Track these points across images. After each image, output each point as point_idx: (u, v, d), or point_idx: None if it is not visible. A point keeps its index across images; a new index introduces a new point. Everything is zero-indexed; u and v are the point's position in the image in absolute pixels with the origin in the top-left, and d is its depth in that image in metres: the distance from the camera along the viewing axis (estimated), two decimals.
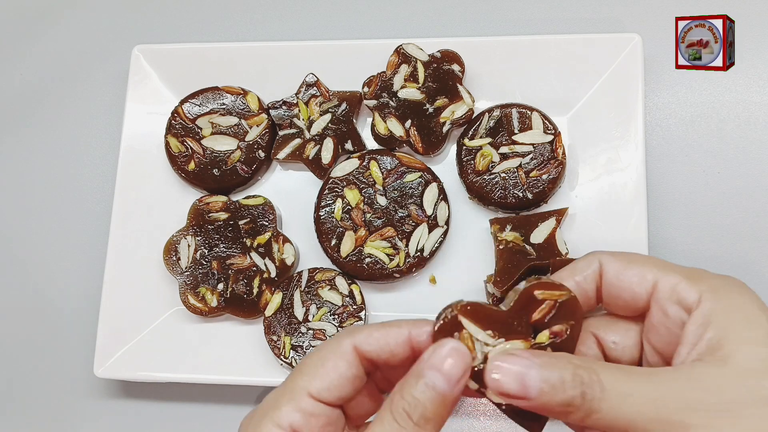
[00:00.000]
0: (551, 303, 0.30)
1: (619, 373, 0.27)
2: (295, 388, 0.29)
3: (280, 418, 0.29)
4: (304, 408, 0.29)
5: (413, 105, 0.54)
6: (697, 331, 0.28)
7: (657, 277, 0.30)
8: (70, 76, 0.64)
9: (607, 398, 0.27)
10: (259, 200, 0.54)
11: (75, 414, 0.57)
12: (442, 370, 0.27)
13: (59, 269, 0.60)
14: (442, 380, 0.27)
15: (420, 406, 0.27)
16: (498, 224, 0.51)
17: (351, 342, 0.30)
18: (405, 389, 0.28)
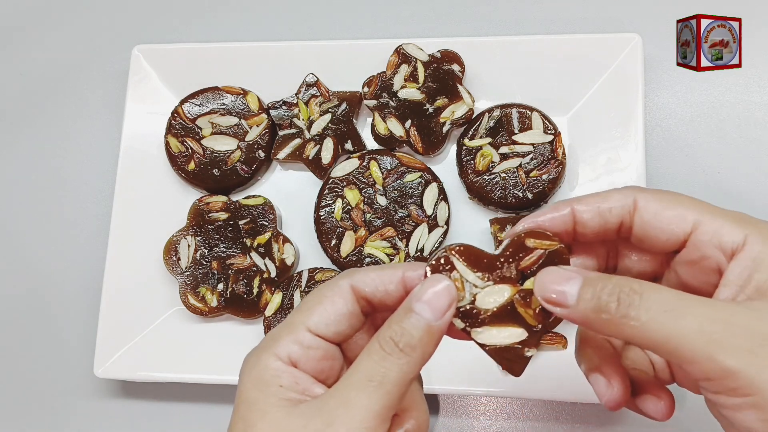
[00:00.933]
0: (540, 252, 0.31)
1: (665, 290, 0.27)
2: (294, 322, 0.30)
3: (278, 350, 0.30)
4: (302, 340, 0.30)
5: (413, 105, 0.54)
6: (743, 273, 0.27)
7: (699, 218, 0.29)
8: (70, 76, 0.64)
9: (645, 307, 0.26)
10: (259, 200, 0.54)
11: (75, 414, 0.57)
12: (428, 302, 0.29)
13: (59, 269, 0.60)
14: (428, 310, 0.29)
15: (406, 334, 0.28)
16: (498, 224, 0.51)
17: (348, 281, 0.31)
18: (393, 320, 0.29)
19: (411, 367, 0.29)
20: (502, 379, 0.49)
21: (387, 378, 0.28)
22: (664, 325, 0.26)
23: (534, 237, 0.31)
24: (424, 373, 0.46)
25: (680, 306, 0.26)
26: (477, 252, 0.31)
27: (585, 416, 0.51)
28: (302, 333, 0.30)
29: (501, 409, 0.53)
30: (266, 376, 0.30)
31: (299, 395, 0.29)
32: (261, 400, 0.29)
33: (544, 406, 0.52)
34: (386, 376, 0.28)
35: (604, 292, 0.27)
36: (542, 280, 0.29)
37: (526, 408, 0.52)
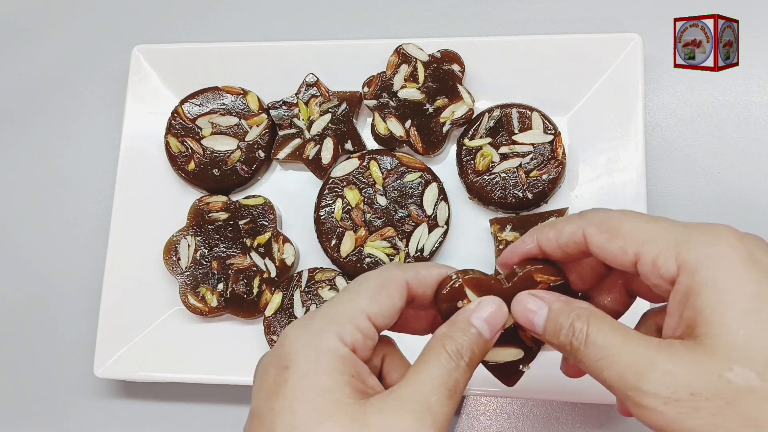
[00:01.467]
0: (545, 286, 0.33)
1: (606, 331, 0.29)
2: (356, 308, 0.30)
3: (343, 334, 0.29)
4: (363, 329, 0.30)
5: (413, 105, 0.54)
6: (677, 308, 0.28)
7: (638, 249, 0.29)
8: (70, 76, 0.64)
9: (585, 353, 0.29)
10: (259, 200, 0.54)
11: (75, 414, 0.57)
12: (488, 321, 0.31)
13: (59, 269, 0.60)
14: (488, 329, 0.31)
15: (470, 349, 0.30)
16: (498, 224, 0.52)
17: (404, 276, 0.32)
18: (456, 334, 0.31)
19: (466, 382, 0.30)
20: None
21: (457, 388, 0.30)
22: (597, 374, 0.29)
23: (542, 273, 0.33)
24: None
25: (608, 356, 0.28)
26: (488, 283, 0.33)
27: (585, 416, 0.51)
28: (364, 321, 0.30)
29: (501, 409, 0.53)
30: (338, 363, 0.29)
31: (365, 387, 0.30)
32: (335, 390, 0.28)
33: (544, 406, 0.52)
34: (457, 387, 0.30)
35: (561, 333, 0.30)
36: (515, 308, 0.32)
37: (526, 408, 0.52)
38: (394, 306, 0.31)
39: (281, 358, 0.29)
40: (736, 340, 0.26)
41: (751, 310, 0.26)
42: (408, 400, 0.28)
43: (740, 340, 0.26)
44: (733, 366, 0.26)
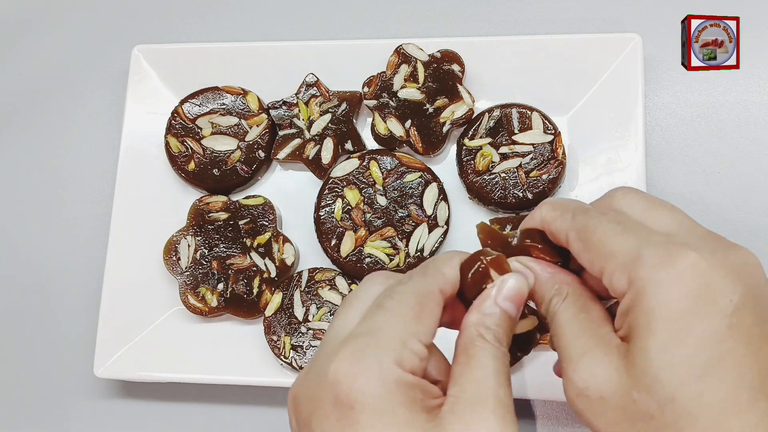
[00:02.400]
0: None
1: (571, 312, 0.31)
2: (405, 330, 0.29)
3: (403, 360, 0.28)
4: (418, 352, 0.29)
5: (413, 105, 0.54)
6: (620, 317, 0.29)
7: (602, 264, 0.30)
8: (70, 76, 0.64)
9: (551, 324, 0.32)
10: (259, 200, 0.54)
11: (75, 414, 0.57)
12: (512, 299, 0.31)
13: (59, 269, 0.60)
14: (513, 308, 0.32)
15: (504, 332, 0.31)
16: (498, 224, 0.51)
17: (437, 286, 0.31)
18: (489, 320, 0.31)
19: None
20: None
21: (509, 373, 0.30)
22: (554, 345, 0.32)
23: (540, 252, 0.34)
24: None
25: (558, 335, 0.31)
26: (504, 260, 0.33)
27: None
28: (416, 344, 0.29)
29: None
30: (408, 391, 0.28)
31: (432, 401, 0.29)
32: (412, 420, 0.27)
33: (544, 406, 0.52)
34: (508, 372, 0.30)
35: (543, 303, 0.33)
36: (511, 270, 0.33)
37: (526, 408, 0.52)
38: (436, 321, 0.31)
39: (340, 398, 0.27)
40: (650, 368, 0.27)
41: (670, 344, 0.27)
42: (482, 401, 0.28)
43: (653, 369, 0.27)
44: (641, 390, 0.27)
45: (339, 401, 0.27)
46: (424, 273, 0.32)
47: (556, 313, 0.31)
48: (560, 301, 0.31)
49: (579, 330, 0.30)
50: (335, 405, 0.27)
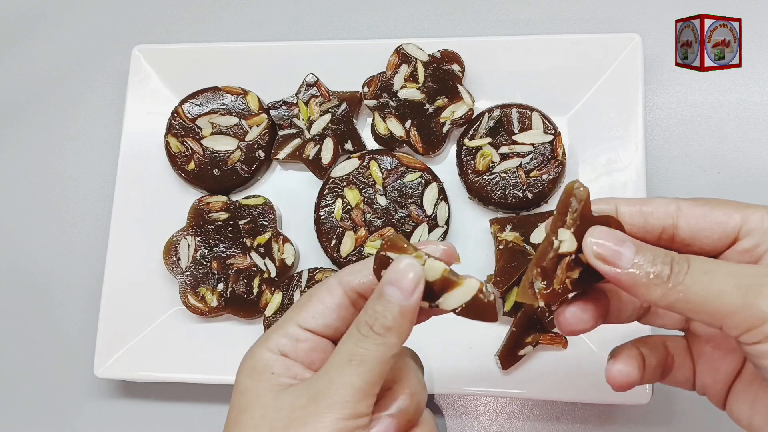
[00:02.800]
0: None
1: (706, 258, 0.30)
2: (285, 319, 0.33)
3: (269, 343, 0.33)
4: (291, 334, 0.33)
5: (413, 105, 0.54)
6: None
7: (744, 212, 0.31)
8: (70, 76, 0.64)
9: (690, 273, 0.29)
10: (259, 200, 0.54)
11: (75, 414, 0.57)
12: (396, 282, 0.30)
13: (59, 269, 0.60)
14: (397, 291, 0.30)
15: (380, 317, 0.30)
16: (498, 224, 0.51)
17: (337, 278, 0.33)
18: (368, 305, 0.31)
19: (387, 347, 0.30)
20: (502, 379, 0.49)
21: (366, 357, 0.30)
22: (706, 285, 0.28)
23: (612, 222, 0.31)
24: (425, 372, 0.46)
25: (718, 267, 0.29)
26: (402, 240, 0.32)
27: (585, 416, 0.51)
28: (292, 327, 0.33)
29: (501, 409, 0.53)
30: (258, 366, 0.32)
31: (290, 380, 0.32)
32: (252, 386, 0.32)
33: (544, 406, 0.52)
34: (365, 356, 0.30)
35: (658, 260, 0.29)
36: (597, 236, 0.29)
37: (526, 408, 0.52)
38: (325, 306, 0.33)
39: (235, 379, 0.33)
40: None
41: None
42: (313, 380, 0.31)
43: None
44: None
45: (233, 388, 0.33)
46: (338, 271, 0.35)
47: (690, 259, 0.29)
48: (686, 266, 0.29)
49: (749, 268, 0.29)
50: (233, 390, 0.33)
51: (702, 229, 0.31)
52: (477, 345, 0.50)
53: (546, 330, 0.49)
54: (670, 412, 0.50)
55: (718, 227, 0.31)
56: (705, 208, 0.31)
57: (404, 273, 0.30)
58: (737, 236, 0.31)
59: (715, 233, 0.31)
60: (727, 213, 0.31)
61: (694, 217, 0.31)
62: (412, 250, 0.31)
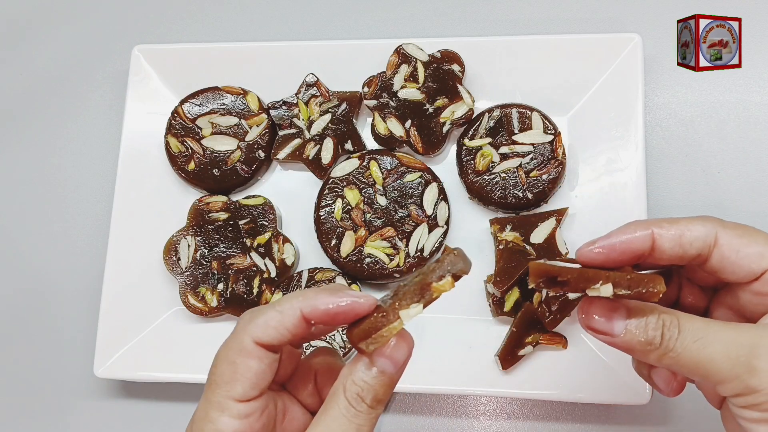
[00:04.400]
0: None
1: (698, 320, 0.29)
2: (220, 400, 0.30)
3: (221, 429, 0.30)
4: (238, 413, 0.30)
5: (413, 105, 0.54)
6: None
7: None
8: (70, 76, 0.64)
9: (681, 339, 0.29)
10: (259, 200, 0.54)
11: (75, 414, 0.57)
12: (390, 357, 0.29)
13: (59, 269, 0.60)
14: (391, 365, 0.29)
15: (372, 390, 0.29)
16: (498, 224, 0.51)
17: (251, 338, 0.30)
18: (356, 375, 0.29)
19: (376, 419, 0.30)
20: (502, 379, 0.49)
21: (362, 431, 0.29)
22: (695, 353, 0.28)
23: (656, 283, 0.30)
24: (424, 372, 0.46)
25: (709, 334, 0.28)
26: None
27: (585, 416, 0.51)
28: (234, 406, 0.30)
29: (501, 409, 0.53)
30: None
31: None
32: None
33: (544, 406, 0.52)
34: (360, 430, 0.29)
35: (650, 327, 0.29)
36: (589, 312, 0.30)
37: (526, 408, 0.52)
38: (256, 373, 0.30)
39: None
40: None
41: None
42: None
43: None
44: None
45: None
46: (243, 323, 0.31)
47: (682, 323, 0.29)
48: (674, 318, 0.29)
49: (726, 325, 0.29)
50: None
51: (732, 263, 0.31)
52: (477, 345, 0.50)
53: (546, 330, 0.49)
54: (670, 413, 0.50)
55: (748, 266, 0.31)
56: (742, 241, 0.31)
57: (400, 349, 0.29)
58: (760, 276, 0.31)
59: (743, 270, 0.31)
60: (760, 253, 0.30)
61: (728, 250, 0.31)
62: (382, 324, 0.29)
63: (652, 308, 0.30)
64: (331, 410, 0.29)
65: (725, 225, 0.31)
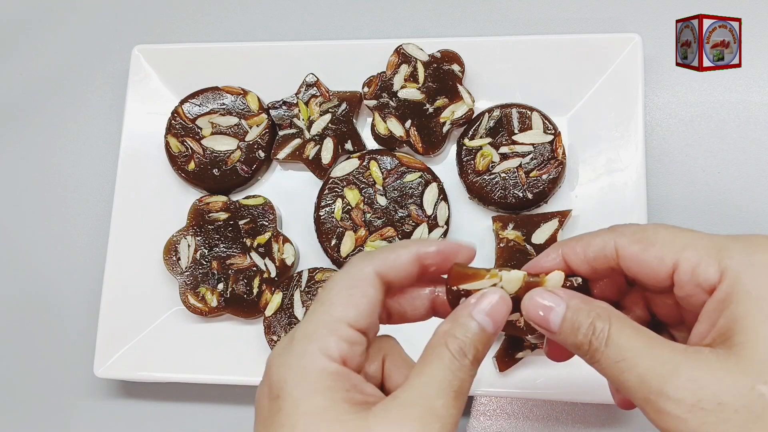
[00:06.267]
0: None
1: (626, 333, 0.28)
2: (332, 318, 0.29)
3: (327, 349, 0.28)
4: (346, 337, 0.29)
5: (413, 105, 0.54)
6: (712, 315, 0.27)
7: (677, 257, 0.28)
8: (70, 76, 0.64)
9: (606, 354, 0.28)
10: (259, 200, 0.54)
11: (75, 414, 0.57)
12: (492, 316, 0.30)
13: (59, 269, 0.60)
14: (491, 323, 0.30)
15: (473, 346, 0.29)
16: (500, 222, 0.51)
17: (372, 268, 0.30)
18: (458, 331, 0.29)
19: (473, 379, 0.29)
20: (501, 379, 0.49)
21: (463, 388, 0.29)
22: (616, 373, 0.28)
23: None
24: None
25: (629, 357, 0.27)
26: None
27: (585, 416, 0.51)
28: (345, 329, 0.29)
29: (501, 409, 0.53)
30: (328, 381, 0.28)
31: (365, 397, 0.28)
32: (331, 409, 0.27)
33: (544, 406, 0.52)
34: (462, 387, 0.28)
35: (579, 332, 0.29)
36: (527, 304, 0.31)
37: (526, 408, 0.52)
38: (371, 302, 0.30)
39: (271, 388, 0.28)
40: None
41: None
42: (412, 405, 0.27)
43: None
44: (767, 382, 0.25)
45: (270, 392, 0.28)
46: (363, 256, 0.31)
47: (610, 337, 0.28)
48: (606, 325, 0.28)
49: (652, 346, 0.27)
50: (268, 396, 0.28)
51: (637, 272, 0.30)
52: None
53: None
54: None
55: (652, 273, 0.29)
56: (638, 247, 0.29)
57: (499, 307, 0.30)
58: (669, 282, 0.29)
59: (651, 278, 0.29)
60: (659, 257, 0.28)
61: (629, 260, 0.30)
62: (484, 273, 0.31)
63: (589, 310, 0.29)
64: (434, 362, 0.29)
65: (623, 232, 0.30)
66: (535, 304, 0.30)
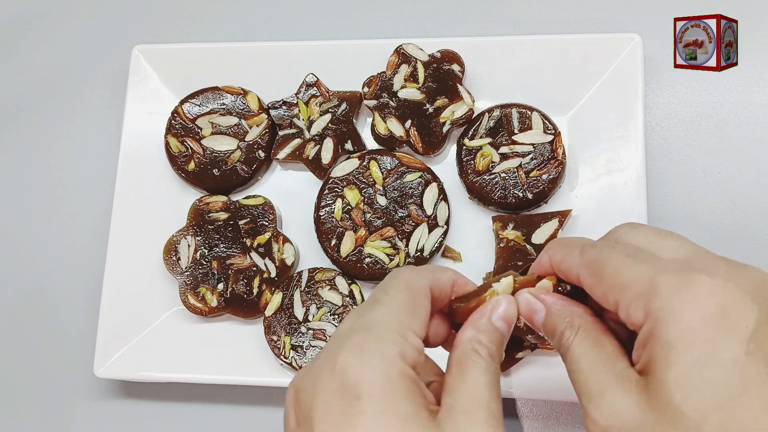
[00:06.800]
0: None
1: (586, 345, 0.31)
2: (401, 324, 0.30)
3: (406, 353, 0.29)
4: (417, 345, 0.30)
5: (413, 105, 0.54)
6: (638, 350, 0.29)
7: (617, 297, 0.29)
8: (70, 76, 0.64)
9: (566, 359, 0.31)
10: (259, 200, 0.54)
11: (75, 414, 0.57)
12: (507, 319, 0.32)
13: (59, 269, 0.60)
14: (506, 327, 0.32)
15: (497, 349, 0.32)
16: (501, 222, 0.51)
17: (427, 282, 0.32)
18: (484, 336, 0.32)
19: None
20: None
21: (499, 387, 0.31)
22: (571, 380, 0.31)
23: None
24: None
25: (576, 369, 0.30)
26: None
27: None
28: (414, 337, 0.30)
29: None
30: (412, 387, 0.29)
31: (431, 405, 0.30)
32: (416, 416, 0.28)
33: (544, 406, 0.52)
34: (499, 386, 0.31)
35: (555, 336, 0.32)
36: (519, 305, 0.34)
37: (526, 408, 0.52)
38: (427, 316, 0.32)
39: (346, 388, 0.28)
40: (672, 400, 0.26)
41: (691, 374, 0.26)
42: (473, 410, 0.29)
43: (676, 402, 0.26)
44: (665, 424, 0.26)
45: (345, 392, 0.28)
46: (415, 269, 0.33)
47: (570, 347, 0.31)
48: (572, 335, 0.31)
49: (595, 365, 0.30)
50: (340, 396, 0.28)
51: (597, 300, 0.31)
52: None
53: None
54: None
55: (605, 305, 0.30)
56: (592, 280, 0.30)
57: (512, 310, 0.33)
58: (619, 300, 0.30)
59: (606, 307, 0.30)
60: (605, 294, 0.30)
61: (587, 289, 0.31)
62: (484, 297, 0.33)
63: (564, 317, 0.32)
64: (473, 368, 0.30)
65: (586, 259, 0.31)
66: (526, 306, 0.33)
